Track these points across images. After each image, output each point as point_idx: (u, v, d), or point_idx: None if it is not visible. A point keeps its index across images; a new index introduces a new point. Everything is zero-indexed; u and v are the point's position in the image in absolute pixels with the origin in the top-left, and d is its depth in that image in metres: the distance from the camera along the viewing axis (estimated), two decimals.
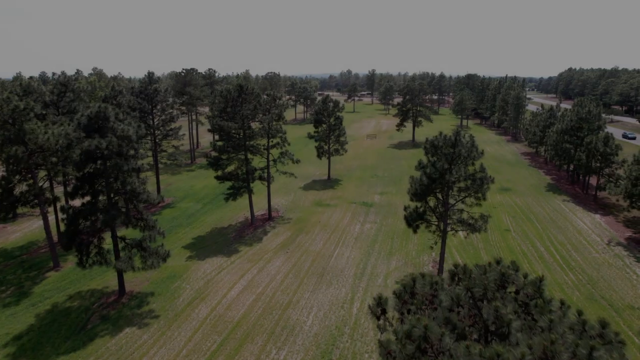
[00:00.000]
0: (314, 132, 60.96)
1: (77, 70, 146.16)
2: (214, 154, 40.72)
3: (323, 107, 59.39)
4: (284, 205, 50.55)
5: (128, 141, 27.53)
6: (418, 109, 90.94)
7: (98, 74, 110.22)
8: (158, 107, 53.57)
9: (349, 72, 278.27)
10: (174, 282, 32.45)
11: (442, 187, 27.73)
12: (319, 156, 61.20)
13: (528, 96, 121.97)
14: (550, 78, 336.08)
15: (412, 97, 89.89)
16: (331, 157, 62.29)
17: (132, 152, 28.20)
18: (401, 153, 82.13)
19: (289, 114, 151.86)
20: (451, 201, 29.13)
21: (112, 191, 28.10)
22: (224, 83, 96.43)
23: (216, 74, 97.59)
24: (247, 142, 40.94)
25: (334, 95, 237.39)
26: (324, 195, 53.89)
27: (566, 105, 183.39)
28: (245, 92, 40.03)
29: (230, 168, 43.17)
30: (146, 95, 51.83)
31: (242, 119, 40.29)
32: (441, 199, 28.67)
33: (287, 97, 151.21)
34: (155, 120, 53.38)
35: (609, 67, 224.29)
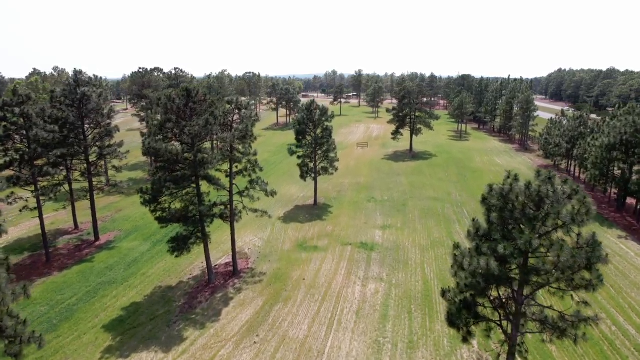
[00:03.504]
0: (296, 146, 48.67)
1: (34, 69, 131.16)
2: (148, 186, 28.04)
3: (307, 116, 47.17)
4: (256, 247, 38.16)
5: None
6: (416, 114, 79.41)
7: (43, 76, 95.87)
8: (92, 117, 40.57)
9: (334, 72, 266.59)
10: None
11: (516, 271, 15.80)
12: (303, 177, 48.93)
13: None
14: (536, 79, 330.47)
15: (409, 100, 78.34)
16: (318, 176, 50.13)
17: None
18: (399, 166, 70.38)
19: (269, 118, 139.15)
20: (526, 290, 17.24)
21: None
22: (192, 85, 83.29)
23: (184, 74, 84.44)
24: (200, 171, 28.43)
25: (319, 97, 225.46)
26: (309, 230, 41.62)
27: (556, 107, 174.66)
28: (194, 99, 27.57)
29: (178, 204, 30.63)
30: (72, 102, 38.82)
31: (191, 138, 27.81)
32: (511, 288, 16.72)
33: (268, 99, 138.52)
34: (88, 135, 40.41)
35: (598, 68, 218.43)
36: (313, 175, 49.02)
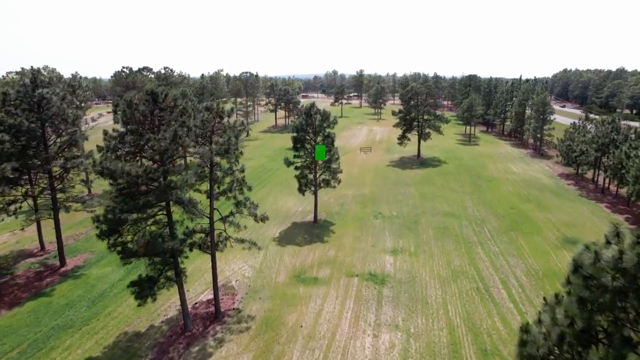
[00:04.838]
0: (294, 156, 42.81)
1: (23, 68, 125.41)
2: (102, 215, 22.08)
3: (306, 121, 41.31)
4: (245, 277, 32.27)
5: None
6: (425, 117, 73.49)
7: (23, 74, 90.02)
8: (56, 123, 34.66)
9: (335, 72, 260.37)
10: None
11: None
12: (301, 190, 43.08)
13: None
14: (537, 79, 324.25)
15: (417, 102, 72.42)
16: (319, 189, 44.26)
17: None
18: (407, 174, 64.47)
19: (268, 120, 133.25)
20: None
21: None
22: (182, 86, 77.37)
23: (174, 74, 78.52)
24: (170, 197, 22.52)
25: (319, 98, 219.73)
26: (308, 256, 35.74)
27: (565, 107, 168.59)
28: (162, 105, 21.70)
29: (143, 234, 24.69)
30: (30, 106, 32.96)
31: (159, 154, 21.94)
32: None
33: (266, 100, 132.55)
34: (50, 145, 34.56)
35: (602, 68, 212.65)
36: (313, 189, 43.16)
